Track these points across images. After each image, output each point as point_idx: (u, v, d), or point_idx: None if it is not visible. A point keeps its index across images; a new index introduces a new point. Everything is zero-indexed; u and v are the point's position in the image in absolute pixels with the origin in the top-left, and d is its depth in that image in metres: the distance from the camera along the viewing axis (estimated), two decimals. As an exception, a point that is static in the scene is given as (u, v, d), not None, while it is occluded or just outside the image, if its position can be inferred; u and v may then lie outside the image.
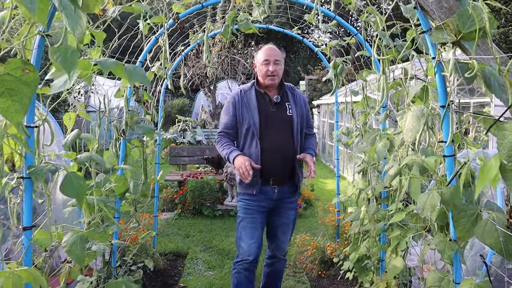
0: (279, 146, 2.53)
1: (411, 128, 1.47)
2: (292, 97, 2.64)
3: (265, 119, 2.54)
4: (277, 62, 2.54)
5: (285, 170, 2.57)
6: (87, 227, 2.02)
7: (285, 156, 2.54)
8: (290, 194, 2.63)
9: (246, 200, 2.58)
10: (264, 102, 2.59)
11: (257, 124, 2.50)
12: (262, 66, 2.55)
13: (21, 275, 1.30)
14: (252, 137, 2.51)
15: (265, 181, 2.53)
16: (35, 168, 1.42)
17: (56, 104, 5.88)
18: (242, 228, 2.56)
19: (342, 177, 8.25)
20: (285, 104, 2.61)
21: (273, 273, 2.79)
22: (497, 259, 2.52)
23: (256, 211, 2.56)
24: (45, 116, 1.60)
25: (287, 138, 2.56)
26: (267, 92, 2.61)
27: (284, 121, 2.57)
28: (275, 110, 2.58)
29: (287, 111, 2.59)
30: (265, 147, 2.50)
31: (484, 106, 6.83)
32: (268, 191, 2.55)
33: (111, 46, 2.06)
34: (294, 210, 2.71)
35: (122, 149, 2.46)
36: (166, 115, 15.47)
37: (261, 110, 2.55)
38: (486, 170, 1.10)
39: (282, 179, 2.57)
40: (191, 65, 10.21)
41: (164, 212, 5.62)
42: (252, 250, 2.52)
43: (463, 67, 1.26)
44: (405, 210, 2.04)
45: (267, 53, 2.55)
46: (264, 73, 2.54)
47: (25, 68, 1.20)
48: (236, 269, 2.58)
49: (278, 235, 2.68)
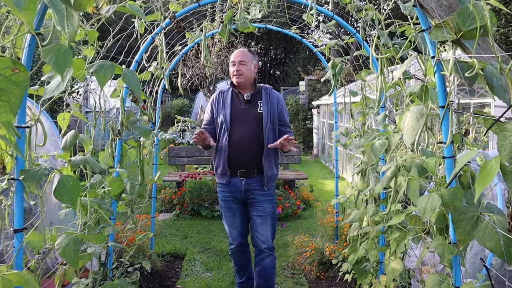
0: (246, 140, 2.74)
1: (410, 128, 1.44)
2: (265, 96, 2.84)
3: (236, 115, 2.78)
4: (242, 62, 2.78)
5: (252, 163, 2.75)
6: (82, 229, 2.00)
7: (253, 150, 2.74)
8: (260, 186, 2.78)
9: (221, 191, 2.87)
10: (238, 100, 2.84)
11: (227, 119, 2.76)
12: (230, 68, 2.85)
13: (10, 279, 1.27)
14: (224, 131, 2.76)
15: (233, 173, 2.77)
16: (27, 173, 1.39)
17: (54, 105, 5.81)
18: (224, 217, 2.91)
19: (341, 178, 8.22)
20: (257, 102, 2.82)
21: (262, 271, 2.83)
22: (497, 261, 2.49)
23: (231, 201, 2.84)
24: (38, 116, 1.57)
25: (255, 133, 2.75)
26: (241, 91, 2.85)
27: (254, 117, 2.77)
28: (247, 107, 2.81)
29: (257, 108, 2.80)
30: (233, 140, 2.74)
31: (484, 106, 6.80)
32: (236, 182, 2.78)
33: (106, 45, 2.03)
34: (270, 203, 2.82)
35: (118, 149, 2.43)
36: (165, 115, 15.49)
37: (233, 107, 2.80)
38: (486, 172, 1.07)
39: (250, 171, 2.76)
40: (191, 66, 10.17)
41: (162, 213, 5.59)
42: (234, 235, 2.88)
43: (463, 66, 1.24)
44: (404, 212, 2.01)
45: (234, 55, 2.83)
46: (232, 73, 2.82)
47: (15, 67, 1.17)
48: (230, 251, 2.99)
49: (257, 227, 2.81)
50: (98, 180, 2.06)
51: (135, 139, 2.59)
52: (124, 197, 2.51)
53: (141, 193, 2.56)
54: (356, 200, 2.81)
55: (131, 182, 2.46)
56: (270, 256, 2.83)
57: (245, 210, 2.88)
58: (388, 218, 2.20)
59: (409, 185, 1.51)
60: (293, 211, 5.46)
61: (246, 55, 2.83)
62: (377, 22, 2.10)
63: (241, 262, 2.98)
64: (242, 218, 2.88)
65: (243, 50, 2.87)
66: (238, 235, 2.88)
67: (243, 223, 2.90)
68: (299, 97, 13.33)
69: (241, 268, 3.00)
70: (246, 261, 2.99)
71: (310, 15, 2.59)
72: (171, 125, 9.42)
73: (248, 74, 2.82)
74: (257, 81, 2.93)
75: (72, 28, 1.27)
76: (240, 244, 2.90)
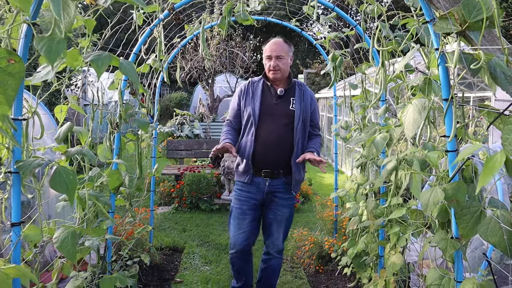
0: (275, 138, 2.53)
1: (412, 121, 1.42)
2: (299, 93, 2.64)
3: (266, 109, 2.57)
4: (279, 57, 2.55)
5: (278, 163, 2.55)
6: (80, 222, 1.98)
7: (280, 149, 2.54)
8: (283, 190, 2.59)
9: (238, 190, 2.64)
10: (269, 94, 2.63)
11: (256, 113, 2.54)
12: (265, 61, 2.61)
13: (7, 273, 1.25)
14: (251, 125, 2.55)
15: (257, 172, 2.56)
16: (23, 163, 1.37)
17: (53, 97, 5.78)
18: (232, 218, 2.65)
19: (340, 172, 8.22)
20: (289, 98, 2.61)
21: (267, 270, 2.76)
22: (496, 255, 2.49)
23: (245, 203, 2.59)
24: (35, 108, 1.55)
25: (286, 132, 2.55)
26: (273, 85, 2.64)
27: (285, 114, 2.57)
28: (278, 102, 2.60)
29: (290, 105, 2.59)
30: (260, 137, 2.53)
31: (484, 100, 6.79)
32: (259, 182, 2.57)
33: (104, 37, 2.00)
34: (289, 208, 2.65)
35: (117, 142, 2.41)
36: (164, 108, 15.44)
37: (263, 101, 2.58)
38: (491, 165, 1.06)
39: (275, 172, 2.56)
40: (189, 58, 10.12)
41: (161, 206, 5.58)
42: (238, 240, 2.60)
43: (468, 58, 1.21)
44: (404, 206, 2.00)
45: (270, 48, 2.58)
46: (267, 67, 2.60)
47: (11, 58, 1.15)
48: (230, 255, 2.72)
49: (272, 231, 2.66)
50: (97, 173, 2.04)
51: (134, 132, 2.57)
52: (123, 190, 2.49)
53: (140, 186, 2.55)
54: (356, 194, 2.80)
55: (129, 175, 2.45)
56: (278, 258, 2.73)
57: (258, 214, 2.64)
58: (388, 212, 2.19)
59: (411, 179, 1.50)
60: (292, 204, 5.45)
61: (284, 48, 2.58)
62: (376, 15, 2.07)
63: (242, 266, 2.71)
64: (253, 222, 2.62)
65: (280, 42, 2.59)
66: (244, 241, 2.59)
67: (252, 229, 2.61)
68: (298, 91, 13.29)
69: (241, 272, 2.74)
70: (247, 266, 2.73)
71: (311, 7, 2.56)
72: (170, 118, 9.41)
73: (285, 69, 2.60)
74: (292, 76, 2.69)
75: (68, 18, 1.24)
76: (241, 251, 2.62)
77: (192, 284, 3.26)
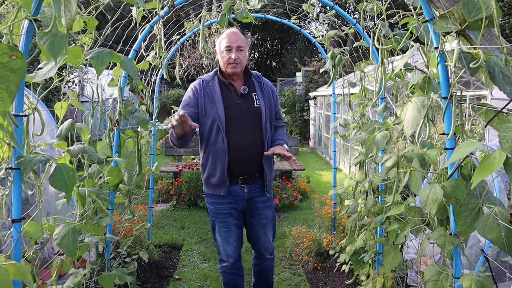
0: (247, 141, 2.34)
1: (412, 119, 1.43)
2: (259, 87, 2.45)
3: (231, 112, 2.33)
4: (240, 48, 2.32)
5: (254, 167, 2.39)
6: (79, 219, 1.99)
7: (254, 152, 2.37)
8: (261, 193, 2.46)
9: (214, 204, 2.43)
10: (229, 93, 2.38)
11: (222, 118, 2.29)
12: (223, 53, 2.33)
13: (8, 269, 1.26)
14: (218, 132, 2.31)
15: (234, 180, 2.36)
16: (24, 159, 1.37)
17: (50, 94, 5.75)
18: (217, 232, 2.46)
19: (338, 169, 8.24)
20: (251, 95, 2.41)
21: (261, 271, 2.67)
22: (493, 252, 2.52)
23: (227, 215, 2.41)
24: (35, 104, 1.55)
25: (255, 132, 2.37)
26: (232, 82, 2.39)
27: (251, 113, 2.37)
28: (241, 102, 2.38)
29: (254, 102, 2.39)
30: (232, 143, 2.31)
31: (480, 99, 6.81)
32: (237, 191, 2.38)
33: (104, 34, 2.00)
34: (270, 208, 2.53)
35: (116, 139, 2.41)
36: (161, 105, 15.41)
37: (226, 103, 2.33)
38: (489, 162, 1.07)
39: (251, 177, 2.39)
40: (187, 56, 10.10)
41: (159, 204, 5.59)
42: (229, 253, 2.44)
43: (467, 57, 1.23)
44: (403, 203, 2.01)
45: (229, 38, 2.31)
46: (226, 61, 2.32)
47: (12, 54, 1.15)
48: (221, 269, 2.55)
49: (260, 236, 2.53)
50: (96, 170, 2.04)
51: (133, 129, 2.57)
52: (122, 187, 2.49)
53: (139, 183, 2.55)
54: (354, 191, 2.81)
55: (128, 172, 2.45)
56: (270, 259, 2.63)
57: (241, 222, 2.50)
58: (387, 209, 2.20)
59: (411, 176, 1.51)
60: (290, 202, 5.47)
61: (243, 39, 2.35)
62: (375, 13, 2.08)
63: (234, 281, 2.54)
64: (238, 231, 2.47)
65: (238, 32, 2.36)
66: (233, 252, 2.45)
67: (238, 237, 2.47)
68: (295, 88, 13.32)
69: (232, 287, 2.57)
70: (239, 280, 2.56)
71: (311, 5, 2.57)
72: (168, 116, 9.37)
73: (245, 62, 2.38)
74: (248, 69, 2.46)
75: (69, 15, 1.24)
76: (235, 261, 2.47)
77: (191, 281, 3.28)
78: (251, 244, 2.63)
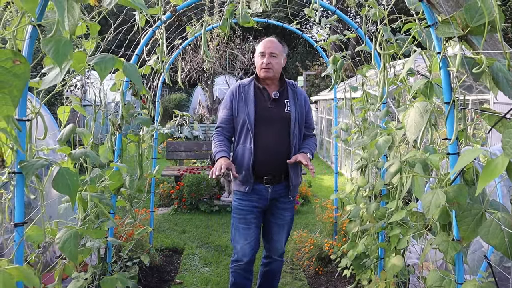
0: (274, 144, 2.45)
1: (414, 124, 1.43)
2: (292, 94, 2.56)
3: (261, 115, 2.46)
4: (273, 54, 2.47)
5: (279, 169, 2.48)
6: (81, 223, 1.99)
7: (280, 154, 2.46)
8: (285, 194, 2.54)
9: (239, 200, 2.52)
10: (262, 97, 2.52)
11: (252, 120, 2.43)
12: (258, 58, 2.52)
13: (12, 273, 1.26)
14: (247, 133, 2.45)
15: (258, 179, 2.47)
16: (27, 163, 1.38)
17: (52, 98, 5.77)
18: (236, 229, 2.54)
19: (340, 174, 8.23)
20: (283, 101, 2.53)
21: (268, 273, 2.72)
22: (496, 257, 2.50)
23: (249, 212, 2.50)
24: (38, 109, 1.55)
25: (283, 136, 2.48)
26: (266, 87, 2.53)
27: (280, 118, 2.49)
28: (273, 106, 2.50)
29: (285, 108, 2.51)
30: (259, 144, 2.43)
31: (482, 103, 6.81)
32: (261, 190, 2.48)
33: (107, 39, 2.01)
34: (290, 211, 2.61)
35: (118, 143, 2.42)
36: (163, 109, 15.43)
37: (257, 106, 2.47)
38: (492, 168, 1.07)
39: (276, 178, 2.49)
40: (189, 60, 10.14)
41: (160, 208, 5.58)
42: (246, 251, 2.50)
43: (470, 62, 1.23)
44: (405, 208, 2.01)
45: (263, 45, 2.50)
46: (259, 65, 2.50)
47: (16, 59, 1.15)
48: (233, 269, 2.58)
49: (273, 236, 2.61)
50: (98, 174, 2.05)
51: (135, 133, 2.57)
52: (123, 191, 2.50)
53: (140, 187, 2.55)
54: (356, 196, 2.81)
55: (130, 176, 2.45)
56: (279, 261, 2.69)
57: (260, 220, 2.58)
58: (389, 215, 2.20)
59: (413, 181, 1.51)
60: (291, 206, 5.46)
61: (278, 46, 2.51)
62: (378, 18, 2.09)
63: (243, 284, 2.57)
64: (257, 231, 2.55)
65: (274, 40, 2.53)
66: (250, 251, 2.50)
67: (256, 237, 2.54)
68: (297, 92, 13.32)
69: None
70: (248, 284, 2.60)
71: (312, 10, 2.57)
72: (169, 119, 9.40)
73: (278, 69, 2.51)
74: (284, 77, 2.61)
75: (73, 20, 1.25)
76: (248, 262, 2.51)
77: (192, 285, 3.27)
78: (264, 242, 2.70)
